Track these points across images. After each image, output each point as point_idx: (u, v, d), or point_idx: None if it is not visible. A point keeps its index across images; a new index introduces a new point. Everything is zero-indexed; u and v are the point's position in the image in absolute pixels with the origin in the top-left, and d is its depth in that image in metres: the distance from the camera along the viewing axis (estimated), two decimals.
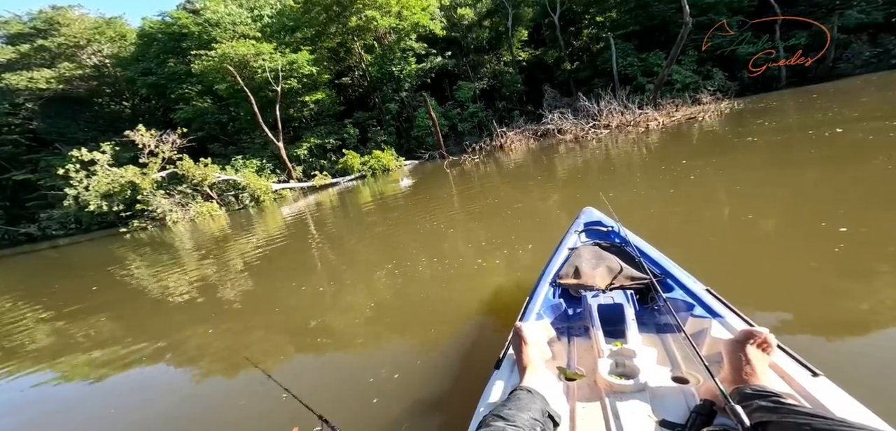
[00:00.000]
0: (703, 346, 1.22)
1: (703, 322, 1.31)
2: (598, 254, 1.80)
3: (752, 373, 0.92)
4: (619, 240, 2.00)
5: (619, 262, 1.71)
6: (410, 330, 2.57)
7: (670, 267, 1.64)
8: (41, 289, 6.41)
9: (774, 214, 3.14)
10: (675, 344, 1.31)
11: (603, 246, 1.90)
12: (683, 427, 0.91)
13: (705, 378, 1.06)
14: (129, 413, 2.26)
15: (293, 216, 8.93)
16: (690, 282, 1.52)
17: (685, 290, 1.48)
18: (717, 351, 1.16)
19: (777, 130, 6.52)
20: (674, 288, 1.53)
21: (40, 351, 3.47)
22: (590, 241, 2.06)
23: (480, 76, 17.95)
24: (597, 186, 5.46)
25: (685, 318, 1.36)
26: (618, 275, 1.62)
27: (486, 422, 0.90)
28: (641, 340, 1.29)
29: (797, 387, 0.93)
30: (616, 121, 11.10)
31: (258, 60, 14.37)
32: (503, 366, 1.25)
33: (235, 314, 3.52)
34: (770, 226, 2.95)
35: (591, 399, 1.10)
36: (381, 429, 1.66)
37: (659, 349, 1.29)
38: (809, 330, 1.76)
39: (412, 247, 4.41)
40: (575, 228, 2.18)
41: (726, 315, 1.28)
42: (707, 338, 1.23)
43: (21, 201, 16.63)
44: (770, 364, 0.99)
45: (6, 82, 16.88)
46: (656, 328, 1.42)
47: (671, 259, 1.72)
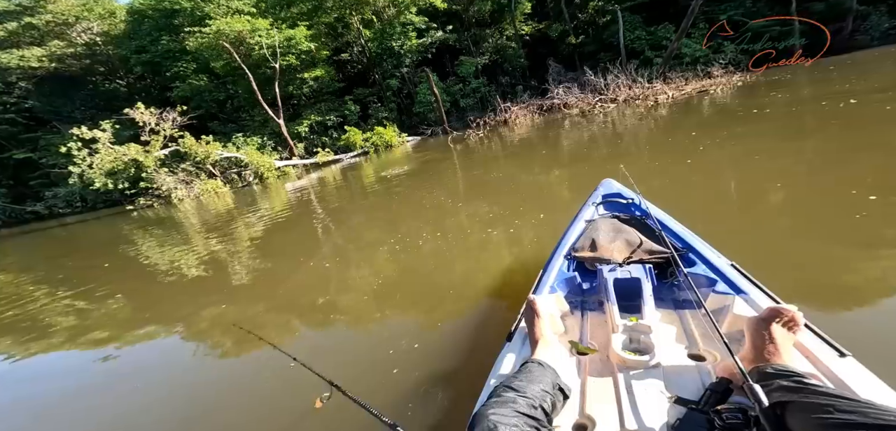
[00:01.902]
0: (723, 323, 1.18)
1: (725, 298, 1.26)
2: (617, 227, 1.76)
3: (775, 352, 0.88)
4: (639, 213, 1.94)
5: (638, 235, 1.66)
6: (419, 305, 2.55)
7: (693, 241, 1.58)
8: (54, 267, 6.46)
9: (798, 184, 3.04)
10: (693, 321, 1.27)
11: (622, 219, 1.85)
12: (697, 403, 0.89)
13: (723, 355, 1.03)
14: (151, 390, 2.28)
15: (298, 193, 8.91)
16: (714, 257, 1.46)
17: (708, 265, 1.43)
18: (738, 329, 1.14)
19: (792, 102, 6.41)
20: (696, 263, 1.48)
21: (60, 329, 3.49)
22: (608, 214, 2.00)
23: (482, 51, 17.51)
24: (607, 159, 5.42)
25: (706, 294, 1.32)
26: (636, 249, 1.58)
27: (497, 393, 0.90)
28: (658, 316, 1.26)
29: (823, 368, 0.89)
30: (623, 94, 10.92)
31: (254, 37, 13.98)
32: (515, 339, 1.24)
33: (247, 291, 3.54)
34: (794, 196, 2.86)
35: (603, 375, 1.08)
36: (393, 398, 1.67)
37: (676, 325, 1.26)
38: (838, 307, 1.66)
39: (419, 223, 4.41)
40: (593, 200, 2.12)
41: (751, 291, 1.23)
42: (728, 315, 1.19)
43: (24, 180, 16.57)
44: (795, 343, 0.96)
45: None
46: (674, 304, 1.39)
47: (695, 232, 1.67)
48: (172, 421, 1.93)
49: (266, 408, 1.82)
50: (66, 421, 2.15)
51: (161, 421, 1.95)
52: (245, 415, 1.83)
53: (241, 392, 2.06)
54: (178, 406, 2.07)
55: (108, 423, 2.04)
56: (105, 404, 2.24)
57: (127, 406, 2.15)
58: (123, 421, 2.03)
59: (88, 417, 2.14)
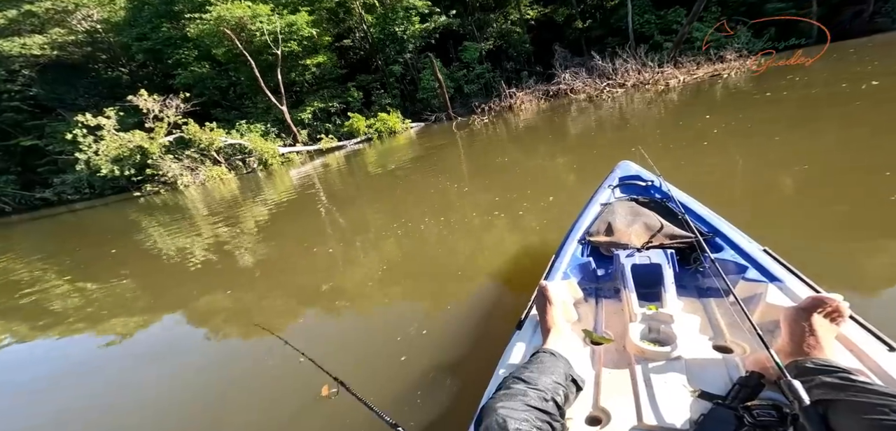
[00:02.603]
0: (754, 313, 1.10)
1: (756, 286, 1.18)
2: (635, 210, 1.67)
3: (816, 345, 0.81)
4: (660, 196, 1.84)
5: (658, 219, 1.57)
6: (426, 292, 2.52)
7: (720, 225, 1.49)
8: (63, 252, 6.52)
9: (826, 166, 2.89)
10: (719, 310, 1.19)
11: (640, 202, 1.76)
12: (724, 398, 0.83)
13: (755, 347, 0.97)
14: (161, 375, 2.27)
15: (302, 179, 8.88)
16: (744, 242, 1.37)
17: (737, 250, 1.34)
18: (771, 319, 1.06)
19: (810, 84, 6.23)
20: (723, 248, 1.39)
21: (69, 314, 3.50)
22: (625, 196, 1.90)
23: (486, 36, 17.18)
24: (619, 142, 5.32)
25: (735, 281, 1.23)
26: (657, 233, 1.50)
27: (507, 384, 0.86)
28: (680, 305, 1.19)
29: (870, 363, 0.82)
30: (632, 79, 10.68)
31: (255, 23, 13.81)
32: (525, 327, 1.20)
33: (253, 277, 3.52)
34: (823, 179, 2.70)
35: (620, 366, 1.03)
36: (401, 387, 1.64)
37: (700, 314, 1.19)
38: (884, 297, 1.55)
39: (425, 208, 4.37)
40: (609, 183, 2.03)
41: (787, 279, 1.14)
42: (760, 304, 1.11)
43: (32, 166, 16.71)
44: (837, 335, 0.88)
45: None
46: (698, 291, 1.31)
47: (722, 216, 1.57)
48: (179, 406, 1.94)
49: (272, 395, 1.80)
50: (75, 404, 2.16)
51: (169, 407, 1.96)
52: (250, 400, 1.82)
53: (247, 378, 2.04)
54: (185, 392, 2.06)
55: (118, 407, 2.05)
56: (116, 388, 2.25)
57: (138, 390, 2.17)
58: (133, 404, 2.04)
59: (100, 401, 2.14)
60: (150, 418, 1.90)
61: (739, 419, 0.75)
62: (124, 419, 1.94)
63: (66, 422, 2.00)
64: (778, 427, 0.72)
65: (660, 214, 1.62)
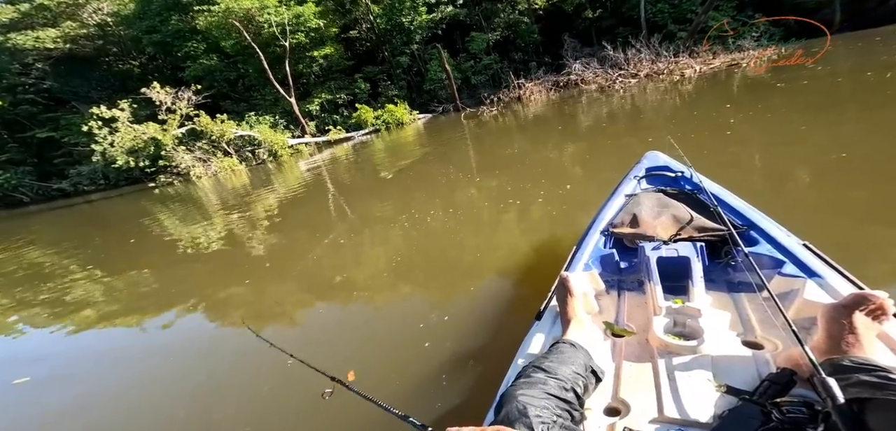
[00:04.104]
0: (790, 309, 1.07)
1: (793, 281, 1.14)
2: (663, 202, 1.64)
3: (855, 344, 0.78)
4: (690, 187, 1.80)
5: (688, 211, 1.54)
6: (442, 283, 2.52)
7: (755, 218, 1.45)
8: (83, 243, 6.67)
9: (859, 156, 2.76)
10: (750, 305, 1.16)
11: (669, 193, 1.72)
12: (751, 394, 0.81)
13: (787, 344, 0.94)
14: (177, 365, 2.30)
15: (312, 170, 8.94)
16: (782, 236, 1.32)
17: (774, 244, 1.30)
18: (808, 316, 1.03)
19: (834, 74, 6.04)
20: (758, 242, 1.35)
21: (90, 304, 3.55)
22: (652, 188, 1.87)
23: (494, 26, 16.94)
24: (636, 131, 5.26)
25: (770, 276, 1.20)
26: (686, 226, 1.46)
27: (526, 373, 0.86)
28: (709, 300, 1.17)
29: None
30: (646, 69, 10.48)
31: (263, 14, 13.85)
32: (545, 318, 1.19)
33: (272, 266, 3.55)
34: (857, 169, 2.60)
35: (641, 359, 1.02)
36: (414, 380, 1.63)
37: (730, 310, 1.16)
38: None
39: (438, 198, 4.36)
40: (635, 173, 1.98)
41: (827, 275, 1.11)
42: (796, 300, 1.08)
43: (48, 158, 17.04)
44: (879, 334, 0.85)
45: (13, 42, 16.76)
46: (728, 286, 1.28)
47: (757, 208, 1.52)
48: (198, 396, 1.97)
49: (299, 382, 1.81)
50: (96, 391, 2.19)
51: (187, 396, 1.99)
52: (269, 392, 1.84)
53: (263, 374, 2.01)
54: (205, 381, 2.08)
55: (142, 399, 2.07)
56: (138, 376, 2.27)
57: (157, 379, 2.20)
58: (154, 394, 2.08)
59: (122, 394, 2.16)
60: (186, 406, 1.95)
61: (766, 415, 0.73)
62: (159, 405, 1.99)
63: (83, 411, 2.04)
64: (808, 424, 0.69)
65: (690, 206, 1.59)
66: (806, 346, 0.77)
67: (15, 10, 18.12)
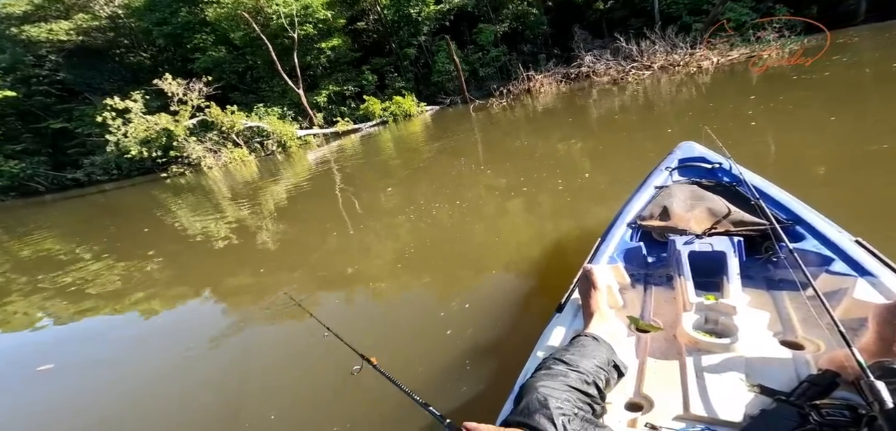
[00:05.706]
0: (837, 309, 1.01)
1: (842, 280, 1.08)
2: (697, 194, 1.56)
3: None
4: (728, 179, 1.71)
5: (725, 204, 1.46)
6: (458, 273, 2.51)
7: (802, 212, 1.37)
8: (99, 232, 6.79)
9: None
10: (792, 304, 1.10)
11: (704, 186, 1.65)
12: (788, 395, 0.77)
13: (831, 345, 0.90)
14: (201, 353, 2.31)
15: (320, 161, 8.97)
16: (832, 232, 1.24)
17: (822, 240, 1.23)
18: (857, 317, 0.98)
19: (859, 65, 5.85)
20: (805, 237, 1.27)
21: (107, 293, 3.60)
22: (686, 179, 1.78)
23: (502, 18, 16.71)
24: (654, 122, 5.17)
25: (816, 274, 1.13)
26: (722, 219, 1.39)
27: (547, 365, 0.85)
28: (746, 298, 1.12)
29: None
30: (660, 61, 10.26)
31: (272, 5, 13.85)
32: (566, 310, 1.16)
33: (289, 257, 3.56)
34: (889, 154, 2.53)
35: (668, 356, 0.98)
36: (436, 368, 1.63)
37: (769, 308, 1.11)
38: None
39: (451, 190, 4.34)
40: (667, 164, 1.90)
41: (881, 274, 1.04)
42: (845, 300, 1.03)
43: (62, 148, 17.39)
44: None
45: (27, 34, 17.04)
46: (767, 283, 1.22)
47: (803, 201, 1.44)
48: (219, 384, 1.99)
49: (311, 374, 1.83)
50: (113, 382, 2.22)
51: (210, 384, 2.02)
52: (292, 378, 1.85)
53: (288, 358, 2.05)
54: (227, 372, 2.08)
55: (158, 384, 2.10)
56: (156, 364, 2.30)
57: (176, 366, 2.22)
58: (173, 381, 2.10)
59: (141, 378, 2.19)
60: (212, 393, 1.97)
61: (804, 417, 0.69)
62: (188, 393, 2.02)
63: (115, 393, 2.08)
64: (849, 428, 0.66)
65: (727, 199, 1.51)
66: (853, 347, 0.73)
67: (29, 3, 18.40)
